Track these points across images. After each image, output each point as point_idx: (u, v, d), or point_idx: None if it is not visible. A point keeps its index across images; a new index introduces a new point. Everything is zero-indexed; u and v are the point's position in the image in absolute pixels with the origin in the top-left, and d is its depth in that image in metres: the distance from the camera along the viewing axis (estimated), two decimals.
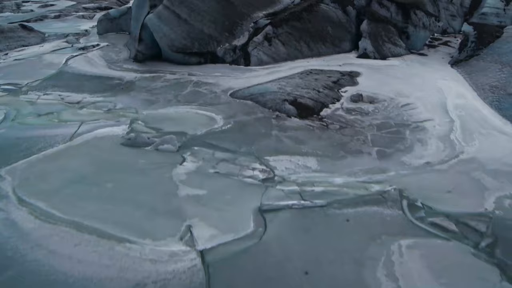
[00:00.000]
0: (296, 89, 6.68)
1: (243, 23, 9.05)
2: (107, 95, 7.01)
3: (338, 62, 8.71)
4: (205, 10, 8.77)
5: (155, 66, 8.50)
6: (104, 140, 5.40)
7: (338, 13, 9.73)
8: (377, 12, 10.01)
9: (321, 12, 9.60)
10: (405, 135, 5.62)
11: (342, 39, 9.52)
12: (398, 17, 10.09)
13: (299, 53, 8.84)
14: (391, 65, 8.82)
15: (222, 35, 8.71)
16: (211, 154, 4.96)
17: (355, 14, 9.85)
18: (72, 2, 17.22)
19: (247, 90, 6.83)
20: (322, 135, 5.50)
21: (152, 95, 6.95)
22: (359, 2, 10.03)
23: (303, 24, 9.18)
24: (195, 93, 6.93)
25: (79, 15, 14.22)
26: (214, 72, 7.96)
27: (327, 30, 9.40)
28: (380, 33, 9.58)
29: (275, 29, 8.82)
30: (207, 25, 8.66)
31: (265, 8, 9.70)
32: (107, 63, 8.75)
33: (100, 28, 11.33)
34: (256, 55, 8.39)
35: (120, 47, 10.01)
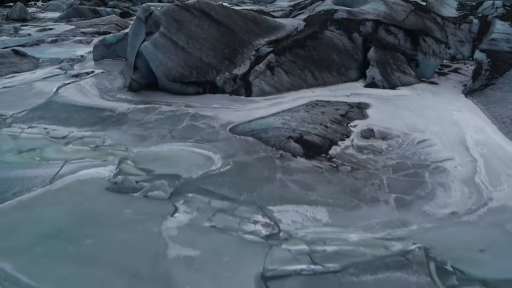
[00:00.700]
0: (301, 124, 6.13)
1: (244, 51, 8.58)
2: (96, 129, 6.46)
3: (345, 92, 8.19)
4: (204, 38, 8.31)
5: (150, 96, 7.97)
6: (88, 183, 4.82)
7: (343, 40, 9.28)
8: (385, 39, 9.56)
9: (325, 39, 9.14)
10: (424, 178, 5.03)
11: (349, 68, 9.03)
12: (407, 44, 9.63)
13: (304, 83, 8.33)
14: (401, 95, 8.29)
15: (222, 64, 8.22)
16: (207, 202, 4.36)
17: (362, 41, 9.39)
18: (70, 27, 16.91)
19: (248, 125, 6.28)
20: (332, 179, 4.91)
21: (145, 129, 6.39)
22: (365, 29, 9.58)
23: (307, 52, 8.70)
24: (192, 128, 6.37)
25: (76, 40, 13.84)
26: (212, 104, 7.42)
27: (333, 58, 8.92)
28: (389, 61, 9.09)
29: (278, 57, 8.34)
30: (206, 53, 8.18)
31: (267, 35, 9.26)
32: (100, 92, 8.23)
33: (96, 54, 10.88)
34: (258, 85, 7.88)
35: (115, 74, 9.51)
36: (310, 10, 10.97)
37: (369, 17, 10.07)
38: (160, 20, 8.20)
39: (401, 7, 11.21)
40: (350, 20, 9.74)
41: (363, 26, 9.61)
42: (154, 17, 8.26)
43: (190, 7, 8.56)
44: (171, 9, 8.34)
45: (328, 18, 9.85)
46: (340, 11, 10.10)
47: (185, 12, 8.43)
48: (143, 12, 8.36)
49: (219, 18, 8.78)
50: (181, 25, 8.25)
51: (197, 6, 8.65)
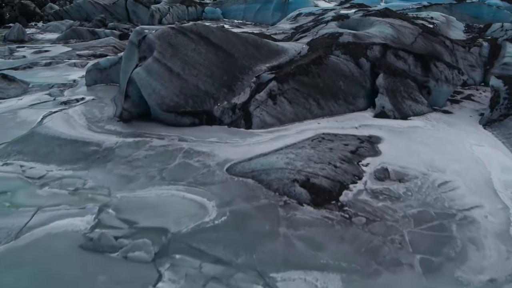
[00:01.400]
0: (307, 164, 5.45)
1: (244, 77, 7.97)
2: (78, 168, 5.79)
3: (353, 124, 7.54)
4: (201, 63, 7.71)
5: (142, 127, 7.32)
6: (59, 239, 4.13)
7: (350, 65, 8.68)
8: (394, 64, 8.96)
9: (331, 64, 8.54)
10: (452, 232, 4.33)
11: (356, 96, 8.40)
12: (417, 70, 9.03)
13: (308, 113, 7.69)
14: (414, 127, 7.64)
15: (220, 92, 7.60)
16: (198, 267, 3.66)
17: (369, 66, 8.79)
18: (67, 48, 16.40)
19: (248, 164, 5.60)
20: (346, 234, 4.21)
21: (132, 168, 5.72)
22: (373, 54, 8.99)
23: (311, 79, 8.09)
24: (185, 167, 5.70)
25: (71, 62, 13.29)
26: (209, 137, 6.76)
27: (339, 85, 8.30)
28: (399, 88, 8.47)
29: (280, 85, 7.72)
30: (202, 80, 7.57)
31: (269, 60, 8.66)
32: (88, 122, 7.59)
33: (88, 79, 10.30)
34: (258, 115, 7.24)
35: (107, 101, 8.90)
36: (314, 33, 10.41)
37: (376, 41, 9.50)
38: (154, 45, 7.61)
39: (408, 30, 10.65)
40: (356, 44, 9.16)
41: (370, 51, 9.03)
42: (148, 41, 7.68)
43: (186, 30, 7.99)
44: (166, 32, 7.76)
45: (333, 42, 9.28)
46: (345, 35, 9.54)
47: (181, 36, 7.85)
48: (136, 35, 7.78)
49: (218, 42, 8.20)
50: (177, 50, 7.65)
51: (194, 29, 8.08)
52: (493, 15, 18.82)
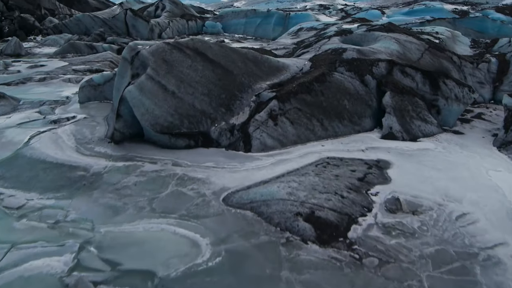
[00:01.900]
0: (312, 194, 4.97)
1: (243, 96, 7.54)
2: (61, 196, 5.32)
3: (360, 146, 7.08)
4: (197, 81, 7.29)
5: (134, 149, 6.86)
6: (33, 283, 3.65)
7: (355, 83, 8.25)
8: (401, 82, 8.53)
9: (335, 82, 8.11)
10: (475, 276, 3.83)
11: (362, 115, 7.95)
12: (426, 87, 8.59)
13: (312, 134, 7.23)
14: (425, 149, 7.16)
15: (218, 111, 7.16)
16: None
17: (376, 84, 8.36)
18: (63, 63, 16.05)
19: (246, 194, 5.12)
20: (356, 279, 3.71)
21: (120, 198, 5.24)
22: (378, 71, 8.57)
23: (314, 98, 7.65)
24: (177, 196, 5.22)
25: (65, 78, 12.90)
26: (205, 161, 6.29)
27: (344, 104, 7.86)
28: (407, 107, 8.03)
29: (282, 104, 7.28)
30: (199, 99, 7.14)
31: (270, 77, 8.24)
32: (77, 143, 7.14)
33: (81, 96, 9.88)
34: (258, 137, 6.78)
35: (99, 120, 8.46)
36: (316, 49, 10.01)
37: (381, 57, 9.09)
38: (147, 61, 7.20)
39: (414, 46, 10.26)
40: (361, 61, 8.74)
41: (376, 67, 8.61)
42: (141, 57, 7.27)
43: (182, 46, 7.58)
44: (161, 48, 7.35)
45: (337, 58, 8.87)
46: (349, 50, 9.13)
47: (177, 52, 7.44)
48: (129, 51, 7.37)
49: (215, 59, 7.79)
50: (172, 67, 7.24)
51: (191, 45, 7.68)
52: (498, 29, 18.48)
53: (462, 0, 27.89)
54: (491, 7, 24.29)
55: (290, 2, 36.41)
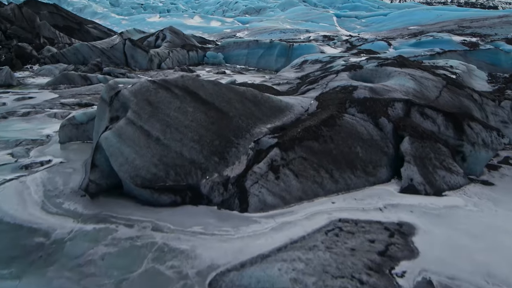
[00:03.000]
0: (322, 281, 3.85)
1: (240, 142, 6.51)
2: (8, 274, 4.21)
3: (376, 203, 5.98)
4: (186, 125, 6.28)
5: (109, 206, 5.79)
6: None
7: (368, 127, 7.23)
8: (420, 125, 7.51)
9: (345, 126, 7.10)
10: None
11: (377, 164, 6.89)
12: (449, 131, 7.56)
13: (320, 188, 6.16)
14: (453, 207, 6.06)
15: (210, 161, 6.12)
16: None
17: (392, 128, 7.33)
18: (54, 95, 15.18)
19: (239, 277, 4.00)
20: None
21: (80, 278, 4.13)
22: (394, 112, 7.57)
23: (323, 145, 6.62)
24: (152, 278, 4.11)
25: (51, 112, 11.96)
26: (192, 225, 5.20)
27: (356, 151, 6.82)
28: (429, 155, 6.97)
29: (285, 153, 6.24)
30: (188, 146, 6.11)
31: (271, 119, 7.24)
32: (45, 197, 6.08)
33: (62, 135, 8.89)
34: (257, 194, 5.71)
35: (77, 165, 7.42)
36: (323, 86, 9.05)
37: (397, 96, 8.11)
38: (129, 103, 6.22)
39: (431, 82, 9.29)
40: (374, 100, 7.75)
41: (391, 108, 7.61)
42: (122, 98, 6.29)
43: (170, 84, 6.61)
44: (145, 87, 6.39)
45: (347, 97, 7.89)
46: (360, 88, 8.16)
47: (163, 92, 6.47)
48: (108, 90, 6.41)
49: (209, 99, 6.81)
50: (157, 109, 6.25)
51: (180, 83, 6.72)
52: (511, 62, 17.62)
53: (469, 31, 27.24)
54: (500, 38, 23.58)
55: (294, 33, 35.96)
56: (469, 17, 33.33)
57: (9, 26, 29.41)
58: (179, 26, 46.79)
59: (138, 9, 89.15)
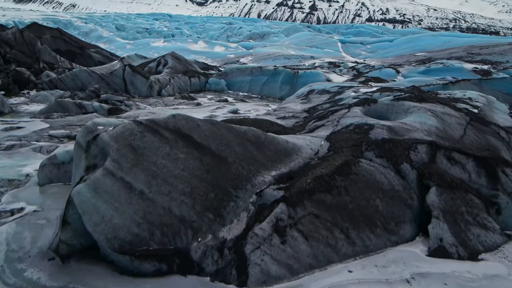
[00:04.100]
0: None
1: (239, 195, 5.53)
2: None
3: (402, 272, 4.94)
4: (177, 175, 5.32)
5: (80, 275, 4.78)
6: None
7: (389, 175, 6.25)
8: (448, 172, 6.52)
9: (363, 174, 6.12)
10: None
11: (400, 220, 5.88)
12: (481, 179, 6.57)
13: (333, 253, 5.14)
14: (494, 277, 5.02)
15: (203, 218, 5.14)
16: None
17: (416, 176, 6.35)
18: (44, 125, 14.32)
19: None
20: None
21: None
22: (418, 157, 6.60)
23: (337, 198, 5.63)
24: None
25: (37, 146, 11.05)
26: None
27: (375, 205, 5.82)
28: (460, 208, 5.96)
29: (292, 210, 5.25)
30: (178, 201, 5.14)
31: (276, 165, 6.27)
32: (5, 261, 5.09)
33: (41, 176, 7.94)
34: (258, 263, 4.70)
35: (52, 216, 6.45)
36: (334, 123, 8.12)
37: (418, 137, 7.16)
38: (108, 149, 5.29)
39: (454, 119, 8.35)
40: (394, 142, 6.80)
41: (414, 152, 6.65)
42: (101, 143, 5.36)
43: (159, 126, 5.69)
44: (129, 130, 5.46)
45: (363, 138, 6.94)
46: (377, 128, 7.22)
47: (151, 135, 5.54)
48: (85, 134, 5.50)
49: (204, 142, 5.88)
50: (142, 157, 5.31)
51: (171, 124, 5.80)
52: None
53: (479, 58, 26.49)
54: None
55: (298, 59, 35.36)
56: (478, 44, 32.68)
57: (9, 50, 28.93)
58: (183, 50, 46.51)
59: (143, 34, 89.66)
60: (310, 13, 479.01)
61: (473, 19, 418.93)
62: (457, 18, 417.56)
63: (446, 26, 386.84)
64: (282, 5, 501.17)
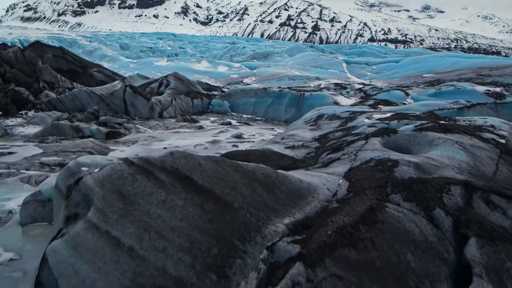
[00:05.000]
0: None
1: (247, 249, 4.67)
2: None
3: None
4: (174, 227, 4.48)
5: None
6: None
7: (420, 223, 5.38)
8: (487, 218, 5.65)
9: (390, 222, 5.26)
10: None
11: (435, 278, 4.98)
12: None
13: None
14: None
15: (204, 280, 4.27)
16: None
17: (451, 224, 5.47)
18: (37, 150, 13.54)
19: None
20: None
21: None
22: (452, 200, 5.74)
23: (362, 253, 4.76)
24: None
25: (25, 176, 10.24)
26: None
27: (407, 260, 4.94)
28: (505, 264, 5.07)
29: (311, 272, 4.37)
30: (174, 258, 4.29)
31: (289, 210, 5.42)
32: None
33: (24, 215, 7.12)
34: None
35: (30, 267, 5.60)
36: (351, 157, 7.28)
37: (449, 174, 6.33)
38: (92, 195, 4.46)
39: (485, 153, 7.52)
40: (423, 183, 5.96)
41: (447, 195, 5.79)
42: (84, 188, 4.55)
43: (155, 167, 4.88)
44: (117, 173, 4.64)
45: (387, 177, 6.11)
46: (402, 165, 6.39)
47: (143, 178, 4.72)
48: (65, 177, 4.69)
49: (207, 184, 5.05)
50: (132, 205, 4.48)
51: (168, 164, 4.98)
52: None
53: (490, 80, 25.78)
54: None
55: (303, 80, 34.73)
56: (488, 65, 32.00)
57: (9, 69, 28.43)
58: (186, 70, 46.14)
59: (146, 53, 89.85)
60: (312, 33, 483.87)
61: (474, 39, 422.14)
62: (458, 38, 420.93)
63: (448, 46, 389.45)
64: (285, 25, 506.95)
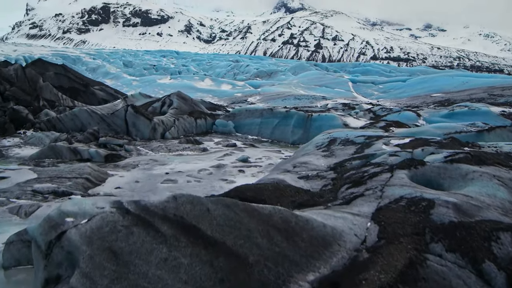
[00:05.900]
0: None
1: None
2: None
3: None
4: None
5: None
6: None
7: (469, 279, 4.53)
8: None
9: (434, 279, 4.41)
10: None
11: None
12: None
13: None
14: None
15: None
16: None
17: (505, 280, 4.61)
18: (31, 175, 12.74)
19: None
20: None
21: None
22: (503, 250, 4.89)
23: None
24: None
25: (15, 206, 9.41)
26: None
27: None
28: None
29: None
30: None
31: (312, 262, 4.57)
32: None
33: (7, 256, 6.29)
34: None
35: None
36: (377, 193, 6.45)
37: (493, 217, 5.50)
38: (78, 254, 3.64)
39: None
40: (467, 229, 5.12)
41: (496, 244, 4.95)
42: (67, 245, 3.73)
43: (155, 216, 4.07)
44: (109, 225, 3.83)
45: (423, 221, 5.28)
46: (439, 206, 5.56)
47: (141, 231, 3.90)
48: (45, 230, 3.90)
49: (217, 235, 4.23)
50: (126, 267, 3.65)
51: (171, 212, 4.17)
52: None
53: (503, 100, 25.04)
54: None
55: (309, 100, 34.05)
56: (499, 85, 31.28)
57: (9, 87, 27.87)
58: (189, 88, 45.62)
59: (150, 70, 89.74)
60: (315, 51, 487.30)
61: (476, 57, 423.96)
62: (461, 56, 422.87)
63: (451, 64, 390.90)
64: (288, 43, 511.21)
